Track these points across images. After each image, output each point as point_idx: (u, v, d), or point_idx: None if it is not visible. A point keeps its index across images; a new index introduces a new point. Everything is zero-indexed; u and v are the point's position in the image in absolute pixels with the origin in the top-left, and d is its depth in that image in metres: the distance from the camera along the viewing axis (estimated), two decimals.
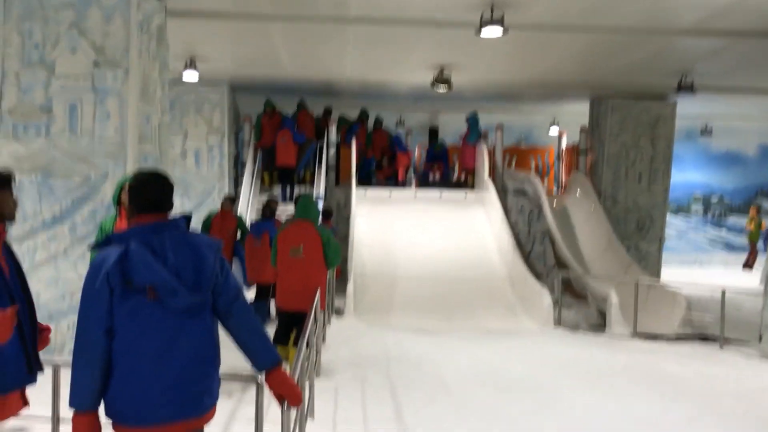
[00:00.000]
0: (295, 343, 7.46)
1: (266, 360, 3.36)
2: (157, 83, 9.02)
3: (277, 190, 16.98)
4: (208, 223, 11.74)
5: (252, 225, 11.61)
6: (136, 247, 3.11)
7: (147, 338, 3.10)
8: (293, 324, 7.72)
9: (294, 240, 7.75)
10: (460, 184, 18.53)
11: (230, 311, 3.32)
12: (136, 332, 3.10)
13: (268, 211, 11.51)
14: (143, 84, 8.50)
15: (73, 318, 6.28)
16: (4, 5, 8.10)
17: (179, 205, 15.31)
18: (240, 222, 11.99)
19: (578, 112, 18.49)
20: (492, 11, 9.53)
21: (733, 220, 23.69)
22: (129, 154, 8.11)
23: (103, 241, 3.27)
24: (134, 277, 3.08)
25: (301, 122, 17.34)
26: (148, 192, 3.28)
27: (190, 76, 13.79)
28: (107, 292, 3.09)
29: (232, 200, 12.35)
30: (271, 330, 7.86)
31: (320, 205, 14.86)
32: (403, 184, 18.77)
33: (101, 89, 8.11)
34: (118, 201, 6.22)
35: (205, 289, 3.21)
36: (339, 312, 11.82)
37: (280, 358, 3.40)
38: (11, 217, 3.69)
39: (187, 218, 3.39)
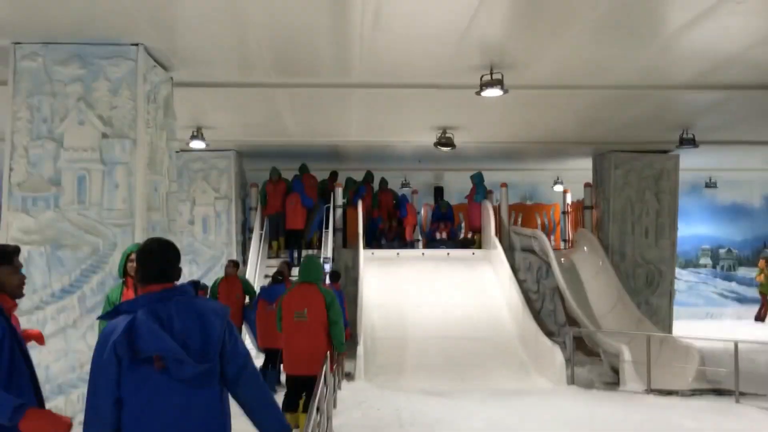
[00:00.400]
0: (305, 409, 7.39)
1: (275, 429, 3.34)
2: (165, 152, 9.15)
3: (285, 256, 17.00)
4: (215, 291, 11.77)
5: (264, 289, 11.61)
6: (143, 316, 3.14)
7: (155, 408, 3.10)
8: (302, 389, 7.65)
9: (298, 304, 7.73)
10: (467, 243, 18.54)
11: (239, 379, 3.32)
12: (144, 402, 3.11)
13: (280, 275, 11.53)
14: (151, 154, 8.61)
15: (83, 390, 6.26)
16: (14, 80, 8.27)
17: (187, 272, 15.32)
18: (245, 284, 12.01)
19: (582, 167, 18.58)
20: (491, 73, 9.68)
21: (743, 272, 23.55)
22: (137, 224, 8.16)
23: (111, 312, 3.30)
24: (141, 347, 3.10)
25: (305, 186, 17.49)
26: (155, 262, 3.32)
27: (198, 144, 13.97)
28: (115, 363, 3.10)
29: (236, 264, 12.41)
30: (280, 397, 7.80)
31: (328, 268, 14.87)
32: (412, 244, 18.78)
33: (109, 160, 8.22)
34: (124, 271, 6.23)
35: (212, 357, 3.22)
36: (349, 375, 11.72)
37: (290, 427, 3.39)
38: (14, 294, 3.71)
39: (195, 285, 3.42)
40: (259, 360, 10.89)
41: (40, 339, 4.96)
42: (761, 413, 9.71)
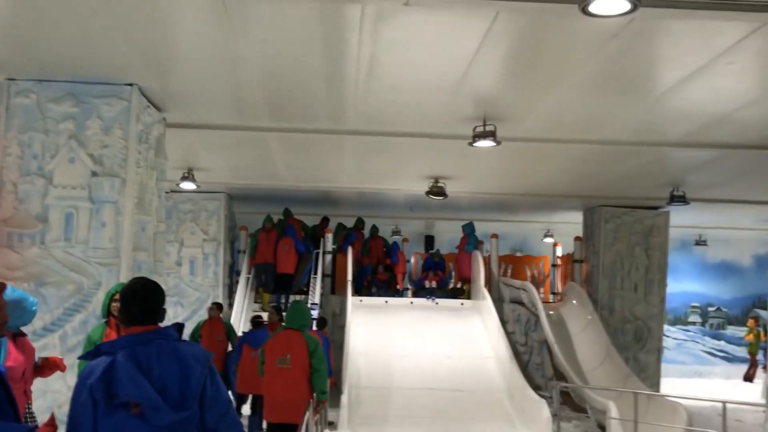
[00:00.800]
0: None
1: None
2: (154, 193, 9.11)
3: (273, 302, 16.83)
4: (197, 334, 11.65)
5: (247, 334, 11.46)
6: (123, 359, 3.07)
7: None
8: None
9: (281, 349, 7.61)
10: (456, 292, 18.45)
11: (218, 427, 3.24)
12: None
13: (258, 318, 11.43)
14: (140, 193, 8.57)
15: (61, 431, 6.12)
16: (6, 116, 8.25)
17: (172, 314, 15.16)
18: (228, 328, 11.91)
19: (572, 221, 18.63)
20: (485, 125, 9.73)
21: (732, 330, 23.50)
22: (123, 263, 8.08)
23: (92, 352, 3.24)
24: (119, 392, 3.03)
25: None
26: (138, 303, 3.26)
27: (188, 185, 13.94)
28: (91, 407, 3.03)
29: (219, 306, 12.33)
30: None
31: (315, 313, 14.74)
32: (401, 293, 18.66)
33: (98, 198, 8.16)
34: (107, 311, 6.14)
35: (189, 405, 3.14)
36: (332, 425, 11.53)
37: None
38: None
39: (178, 327, 3.35)
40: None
41: (61, 365, 4.91)
42: None
